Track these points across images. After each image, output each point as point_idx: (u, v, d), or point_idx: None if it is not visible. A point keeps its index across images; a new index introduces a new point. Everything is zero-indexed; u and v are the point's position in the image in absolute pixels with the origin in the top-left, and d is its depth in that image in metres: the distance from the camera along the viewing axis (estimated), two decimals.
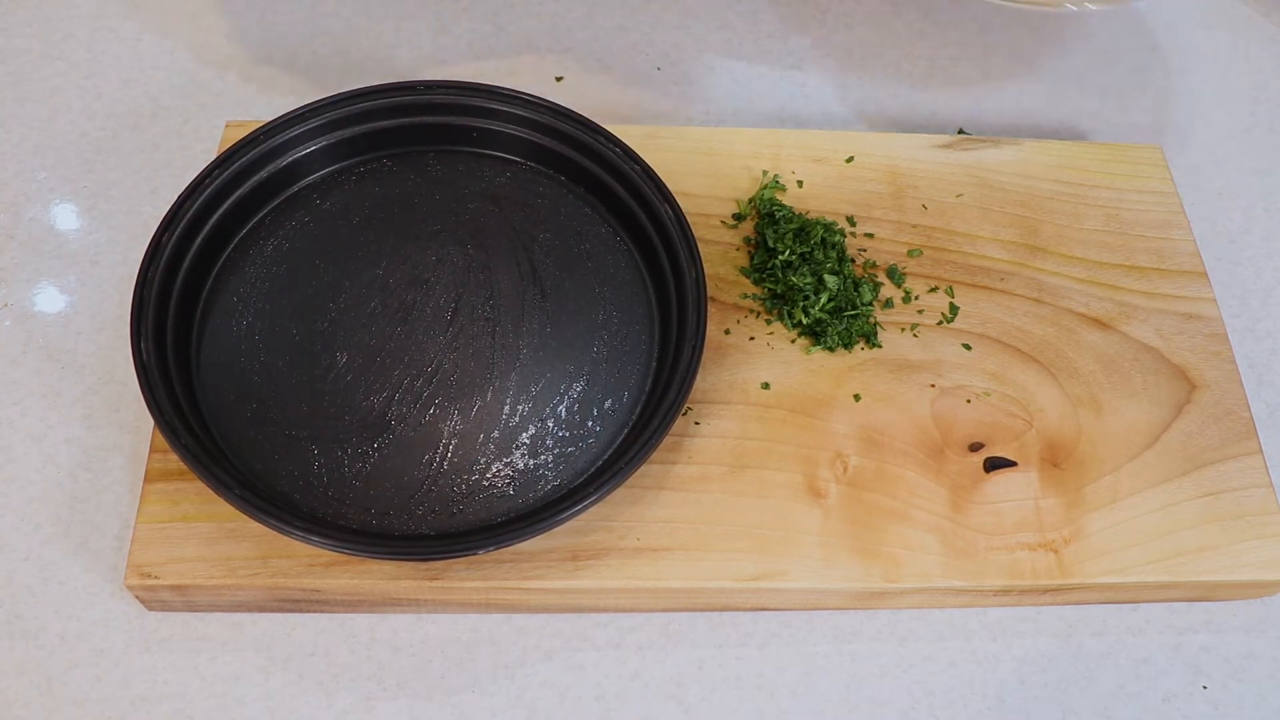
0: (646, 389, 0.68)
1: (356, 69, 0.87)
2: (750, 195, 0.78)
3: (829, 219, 0.76)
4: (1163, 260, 0.78)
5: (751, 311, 0.73)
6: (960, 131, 0.88)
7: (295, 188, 0.73)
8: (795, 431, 0.68)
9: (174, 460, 0.63)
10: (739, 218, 0.77)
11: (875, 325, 0.73)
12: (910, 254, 0.76)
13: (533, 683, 0.64)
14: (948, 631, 0.67)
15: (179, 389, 0.64)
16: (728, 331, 0.72)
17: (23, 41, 0.86)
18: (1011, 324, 0.74)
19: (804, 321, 0.72)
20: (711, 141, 0.80)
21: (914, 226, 0.78)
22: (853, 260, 0.75)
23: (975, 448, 0.69)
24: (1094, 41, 0.95)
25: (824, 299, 0.72)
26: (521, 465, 0.65)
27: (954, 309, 0.74)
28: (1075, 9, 0.73)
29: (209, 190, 0.68)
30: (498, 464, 0.65)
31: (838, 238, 0.75)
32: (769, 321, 0.73)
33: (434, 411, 0.66)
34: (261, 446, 0.64)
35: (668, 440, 0.66)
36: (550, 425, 0.66)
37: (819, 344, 0.72)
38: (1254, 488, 0.69)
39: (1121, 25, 0.96)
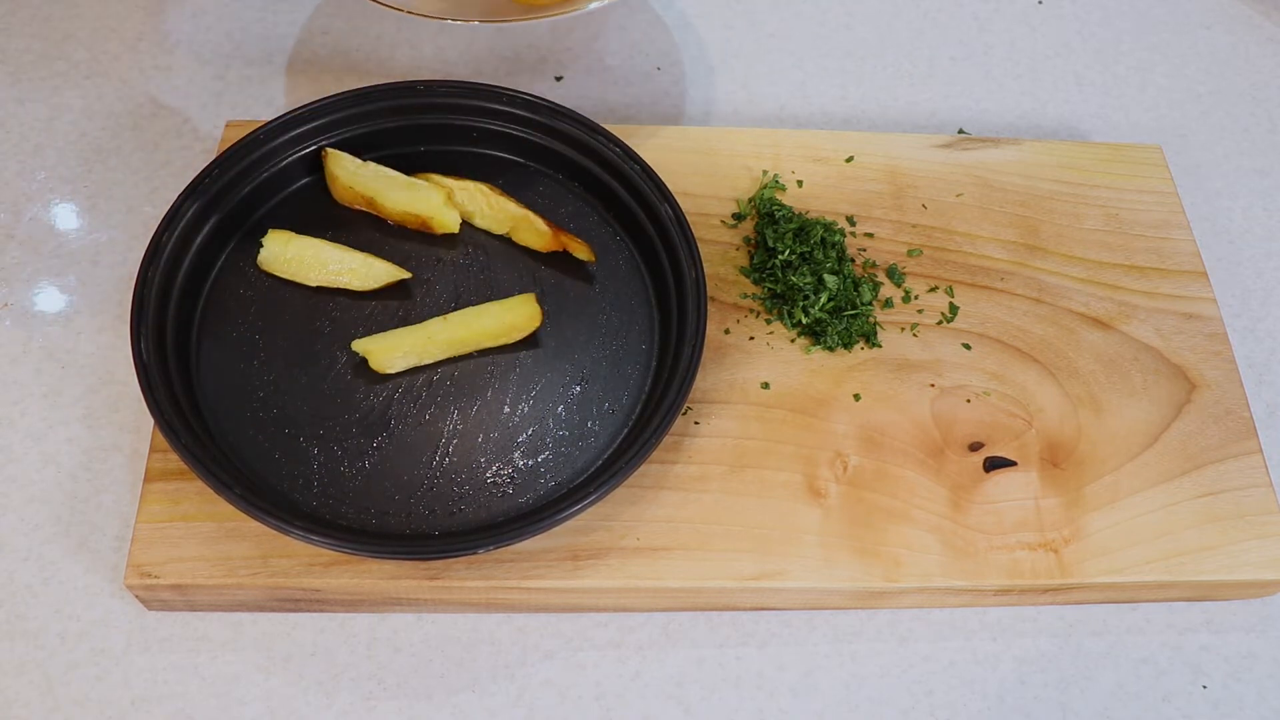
0: (646, 389, 0.68)
1: (356, 69, 0.87)
2: (750, 195, 0.78)
3: (829, 219, 0.76)
4: (1163, 260, 0.78)
5: (751, 311, 0.73)
6: (960, 131, 0.88)
7: (295, 187, 0.73)
8: (795, 431, 0.68)
9: (174, 460, 0.63)
10: (739, 218, 0.77)
11: (875, 325, 0.73)
12: (910, 254, 0.76)
13: (533, 683, 0.64)
14: (948, 631, 0.67)
15: (179, 389, 0.64)
16: (728, 331, 0.72)
17: (23, 41, 0.86)
18: (1011, 324, 0.74)
19: (804, 321, 0.72)
20: (711, 141, 0.80)
21: (914, 226, 0.78)
22: (853, 260, 0.75)
23: (975, 447, 0.69)
24: (1094, 41, 0.95)
25: (824, 299, 0.72)
26: (521, 465, 0.65)
27: (954, 309, 0.74)
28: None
29: (209, 190, 0.69)
30: (497, 463, 0.65)
31: (837, 237, 0.75)
32: (769, 321, 0.73)
33: (434, 411, 0.66)
34: (261, 446, 0.64)
35: (668, 440, 0.66)
36: (550, 425, 0.66)
37: (819, 344, 0.72)
38: (1254, 488, 0.69)
39: (1124, 25, 0.97)
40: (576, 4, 0.74)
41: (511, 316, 0.68)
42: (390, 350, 0.66)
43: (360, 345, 0.66)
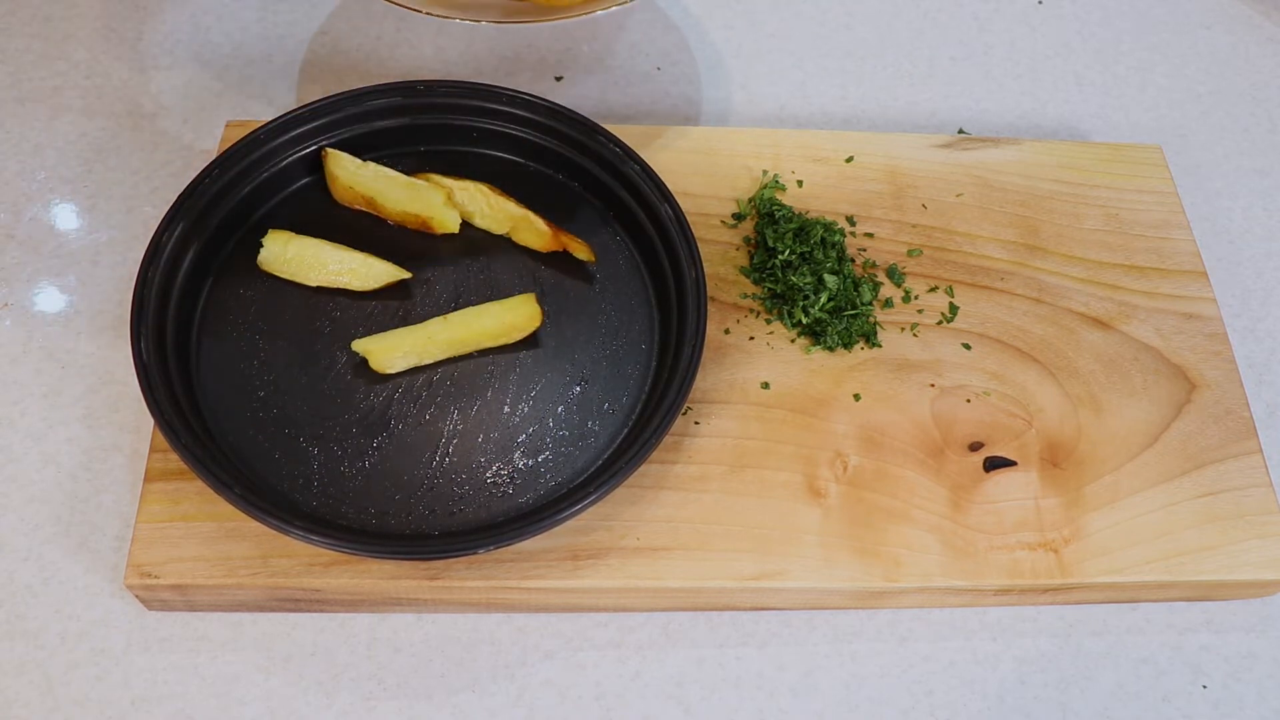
0: (646, 389, 0.68)
1: (356, 69, 0.87)
2: (750, 195, 0.78)
3: (829, 219, 0.76)
4: (1163, 260, 0.78)
5: (751, 311, 0.73)
6: (960, 131, 0.88)
7: (295, 187, 0.73)
8: (795, 431, 0.68)
9: (174, 460, 0.63)
10: (739, 217, 0.77)
11: (875, 325, 0.73)
12: (910, 254, 0.76)
13: (533, 683, 0.64)
14: (948, 631, 0.67)
15: (179, 389, 0.64)
16: (728, 331, 0.72)
17: (23, 41, 0.86)
18: (1011, 324, 0.74)
19: (804, 321, 0.72)
20: (711, 141, 0.80)
21: (914, 226, 0.78)
22: (852, 260, 0.75)
23: (975, 447, 0.69)
24: (1094, 41, 0.95)
25: (824, 299, 0.72)
26: (521, 465, 0.65)
27: (954, 309, 0.74)
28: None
29: (209, 190, 0.69)
30: (497, 463, 0.65)
31: (837, 237, 0.75)
32: (769, 321, 0.73)
33: (434, 411, 0.66)
34: (261, 446, 0.64)
35: (668, 440, 0.66)
36: (550, 425, 0.66)
37: (819, 344, 0.72)
38: (1254, 487, 0.69)
39: (1124, 25, 0.97)
40: (598, 4, 0.73)
41: (511, 316, 0.68)
42: (390, 350, 0.66)
43: (360, 345, 0.66)
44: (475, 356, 0.68)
